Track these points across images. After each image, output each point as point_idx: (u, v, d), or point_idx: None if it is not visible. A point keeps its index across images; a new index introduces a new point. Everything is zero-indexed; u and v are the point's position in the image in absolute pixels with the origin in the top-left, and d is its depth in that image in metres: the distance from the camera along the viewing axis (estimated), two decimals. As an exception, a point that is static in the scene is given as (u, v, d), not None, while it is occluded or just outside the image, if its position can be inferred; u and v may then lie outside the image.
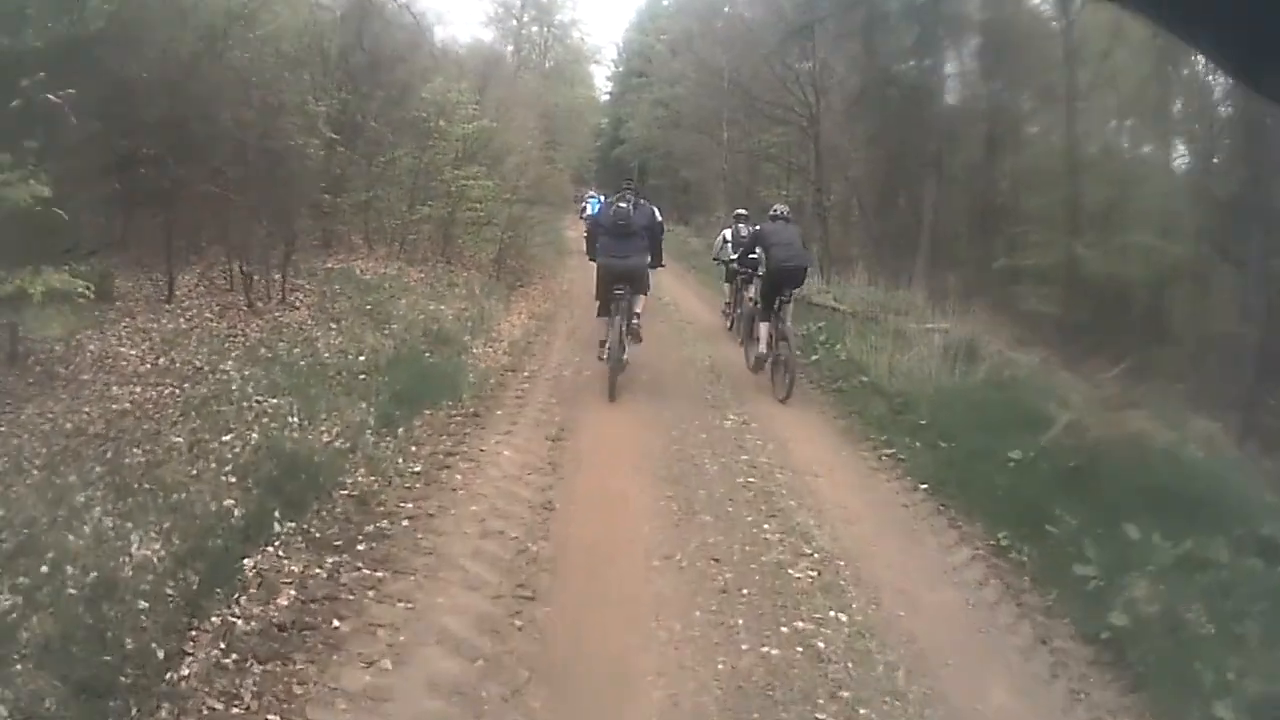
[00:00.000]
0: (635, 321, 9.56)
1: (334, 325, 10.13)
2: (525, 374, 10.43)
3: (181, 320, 9.20)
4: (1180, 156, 17.92)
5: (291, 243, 11.11)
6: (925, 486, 7.10)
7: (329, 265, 13.00)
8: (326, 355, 8.97)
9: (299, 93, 12.49)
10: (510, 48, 43.05)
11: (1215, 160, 17.05)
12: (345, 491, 6.02)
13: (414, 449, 7.21)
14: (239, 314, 9.85)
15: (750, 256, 10.97)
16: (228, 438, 6.24)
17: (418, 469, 6.78)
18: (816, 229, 24.02)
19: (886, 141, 22.31)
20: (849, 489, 7.11)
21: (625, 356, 9.26)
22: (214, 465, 5.67)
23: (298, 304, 10.82)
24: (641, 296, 9.72)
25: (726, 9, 31.57)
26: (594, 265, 9.83)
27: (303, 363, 8.52)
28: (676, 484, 6.87)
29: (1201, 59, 12.59)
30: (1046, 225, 18.52)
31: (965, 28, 21.55)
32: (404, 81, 15.83)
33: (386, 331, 10.38)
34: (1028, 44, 20.10)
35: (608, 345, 9.17)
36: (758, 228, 10.89)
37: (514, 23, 43.94)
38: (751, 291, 11.63)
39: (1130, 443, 6.98)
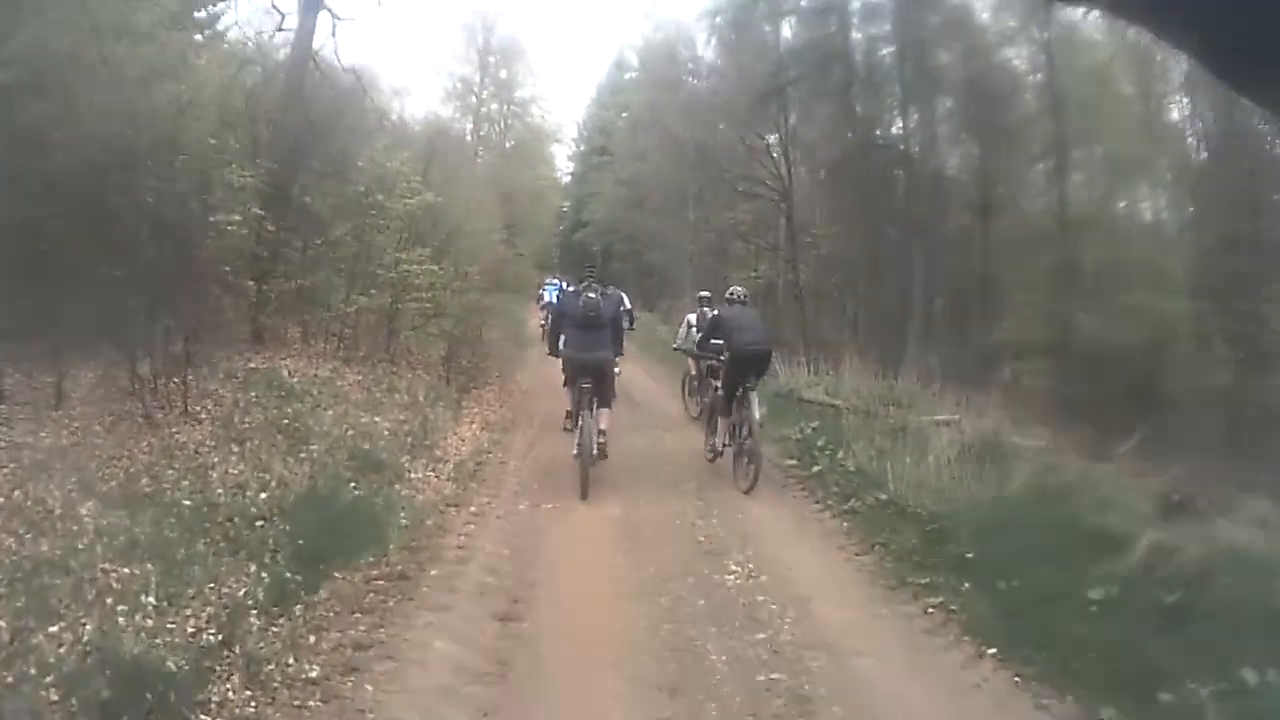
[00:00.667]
0: (601, 440, 9.08)
1: (237, 447, 8.20)
2: (472, 509, 8.37)
3: (64, 434, 7.64)
4: (1165, 208, 17.96)
5: (192, 338, 9.37)
6: (993, 651, 5.27)
7: (253, 365, 11.16)
8: (220, 491, 7.12)
9: (220, 161, 11.09)
10: (469, 125, 41.74)
11: (1191, 210, 17.26)
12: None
13: (313, 640, 5.21)
14: (133, 427, 8.10)
15: (712, 342, 10.20)
16: (55, 628, 4.52)
17: (314, 674, 4.80)
18: (791, 311, 22.74)
19: (870, 212, 20.76)
20: (902, 669, 5.19)
21: (596, 451, 8.91)
22: (34, 671, 4.13)
23: (203, 415, 8.90)
24: (606, 411, 9.26)
25: (690, 80, 30.22)
26: (556, 360, 9.59)
27: (188, 501, 6.75)
28: (677, 694, 4.81)
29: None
30: (1039, 292, 17.93)
31: (947, 87, 20.13)
32: (344, 148, 14.10)
33: (303, 454, 8.44)
34: (1010, 100, 19.38)
35: (579, 443, 8.80)
36: (715, 313, 10.35)
37: (473, 99, 42.39)
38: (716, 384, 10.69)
39: (1227, 559, 5.73)
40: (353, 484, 8.12)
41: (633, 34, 55.05)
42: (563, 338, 9.40)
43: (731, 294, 10.08)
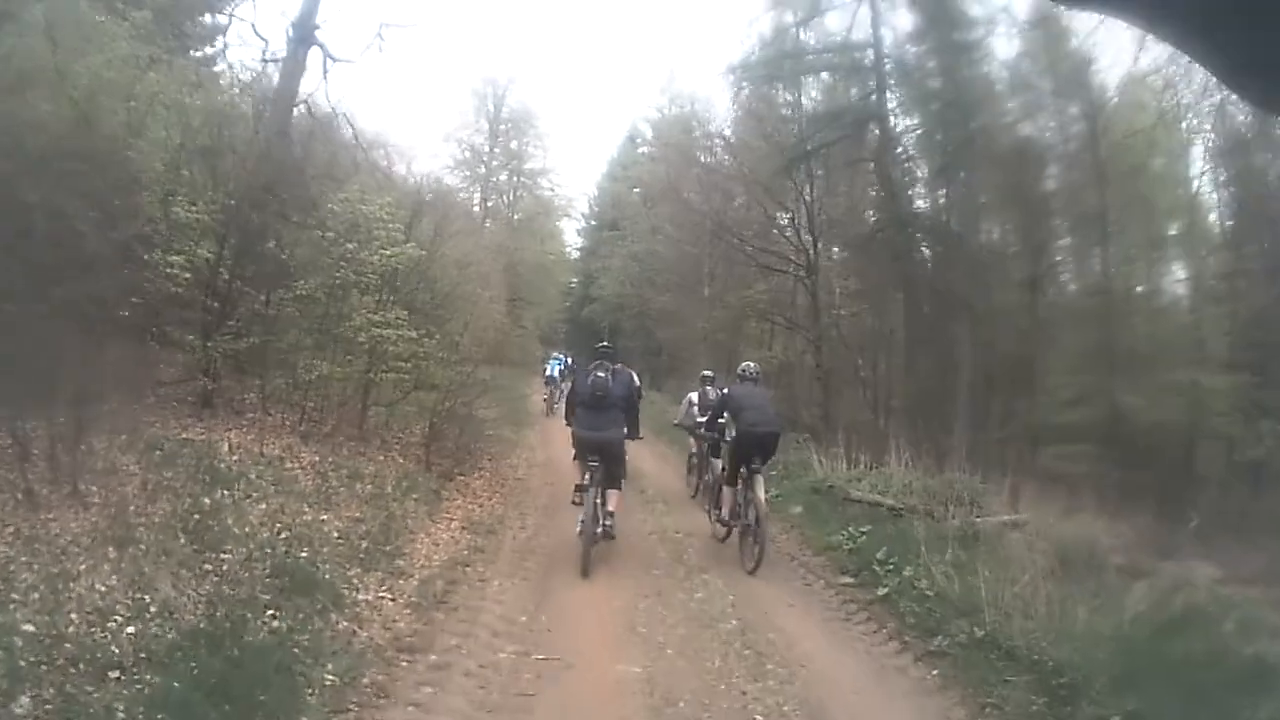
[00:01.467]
0: (609, 522, 8.84)
1: (115, 551, 5.81)
2: (433, 657, 5.84)
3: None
4: (1194, 281, 16.76)
5: (92, 398, 7.17)
6: None
7: (187, 436, 8.92)
8: (75, 617, 4.85)
9: (165, 191, 9.60)
10: (477, 195, 40.16)
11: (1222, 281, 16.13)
12: None
13: None
14: (9, 506, 5.94)
15: (719, 421, 10.30)
16: None
17: None
18: (813, 391, 20.75)
19: (907, 287, 18.68)
20: None
21: (599, 530, 8.64)
22: None
23: (95, 499, 6.58)
24: (615, 493, 9.04)
25: (706, 153, 28.29)
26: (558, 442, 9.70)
27: (29, 626, 4.61)
28: None
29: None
30: (1079, 371, 16.83)
31: (987, 155, 18.22)
32: (321, 191, 12.16)
33: (208, 566, 6.10)
34: (1050, 169, 17.93)
35: (582, 520, 8.51)
36: (725, 391, 10.34)
37: (482, 168, 40.74)
38: (720, 463, 10.83)
39: None
40: (271, 613, 5.73)
41: (646, 108, 53.76)
42: (575, 416, 9.12)
43: (744, 370, 9.89)
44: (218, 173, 10.71)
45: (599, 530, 8.59)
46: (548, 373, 25.03)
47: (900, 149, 19.91)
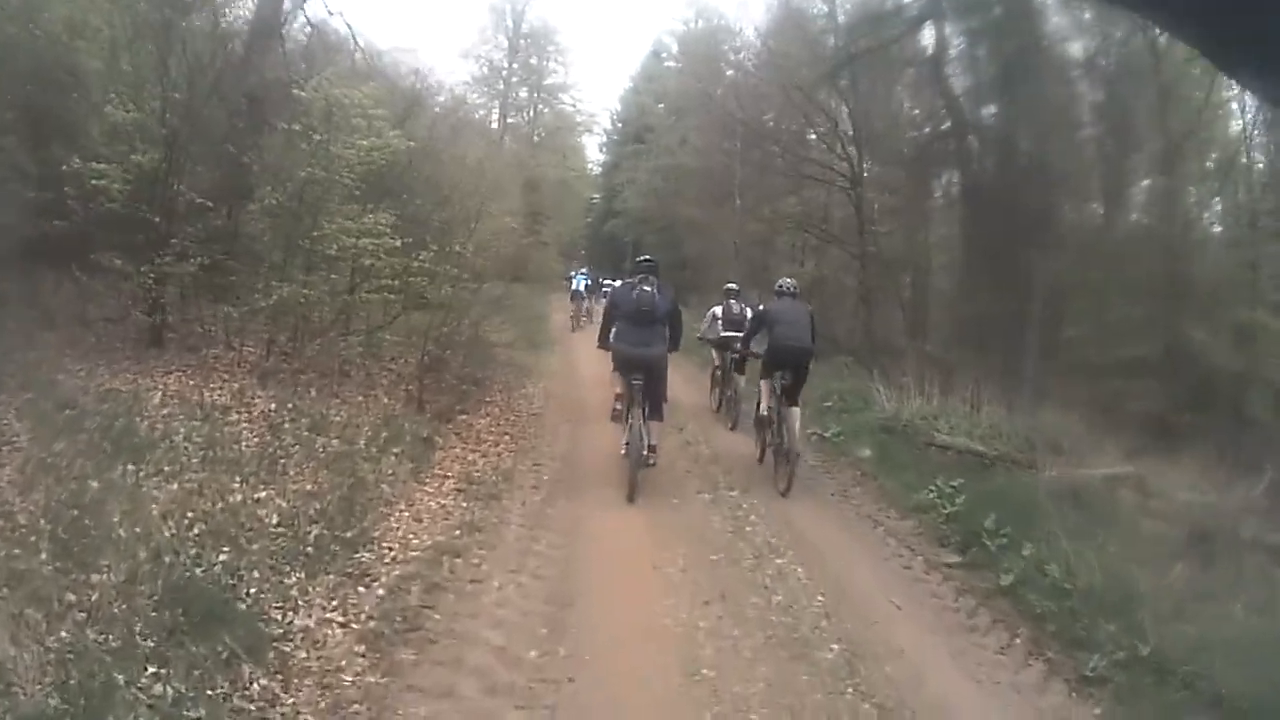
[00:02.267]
0: (650, 457, 8.04)
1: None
2: None
3: None
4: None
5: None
6: None
7: (115, 385, 6.92)
8: None
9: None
10: (496, 112, 37.91)
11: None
12: None
13: None
14: None
15: (750, 340, 10.06)
16: None
17: None
18: (856, 312, 18.86)
19: (971, 203, 16.36)
20: None
21: (647, 453, 7.94)
22: None
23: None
24: (657, 425, 8.26)
25: (735, 67, 26.86)
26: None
27: None
28: None
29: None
30: (1147, 303, 14.85)
31: (1060, 65, 15.75)
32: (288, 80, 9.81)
33: (74, 592, 4.07)
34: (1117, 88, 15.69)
35: (627, 441, 7.94)
36: (762, 307, 9.80)
37: (500, 85, 38.25)
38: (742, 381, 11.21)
39: None
40: (153, 671, 3.67)
41: (671, 20, 50.41)
42: (614, 330, 8.54)
43: (781, 286, 9.38)
44: (167, 67, 8.51)
45: (647, 453, 7.97)
46: (573, 287, 24.21)
47: (958, 53, 17.37)
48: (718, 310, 12.09)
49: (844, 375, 14.78)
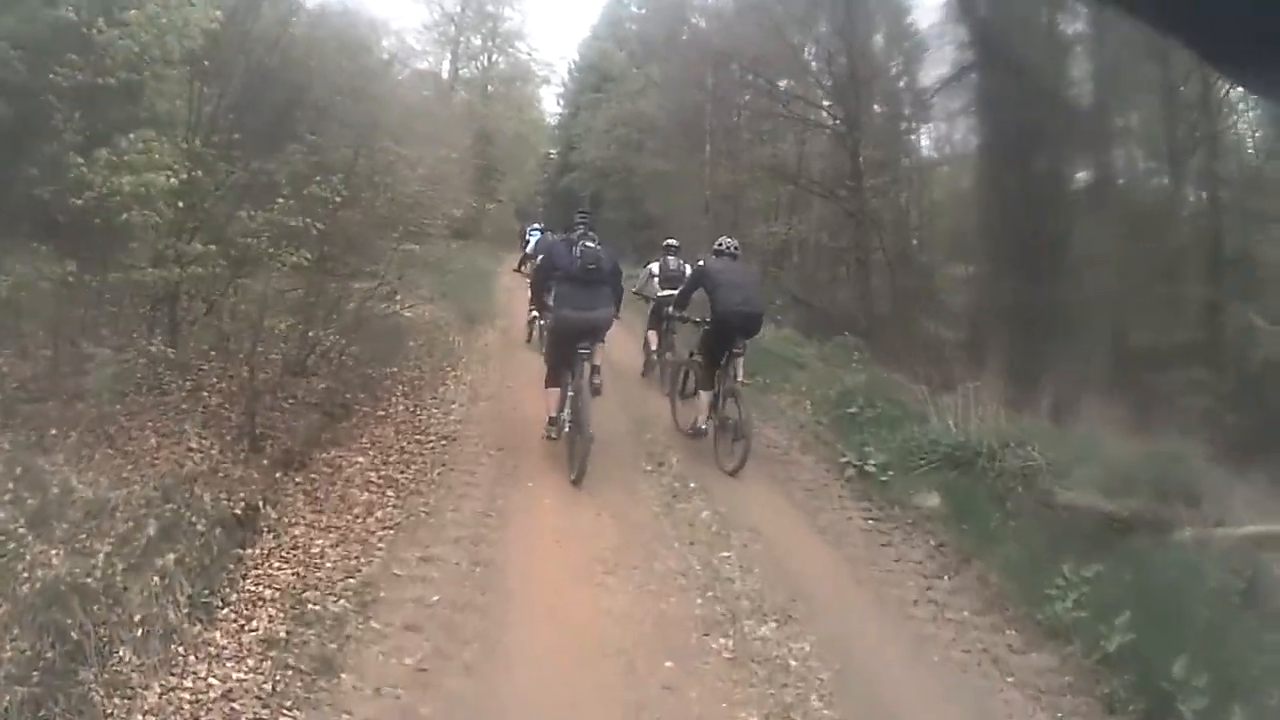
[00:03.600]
0: (597, 379, 7.14)
1: None
2: None
3: None
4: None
5: None
6: None
7: None
8: None
9: None
10: (447, 60, 34.06)
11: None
12: None
13: None
14: None
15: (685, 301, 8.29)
16: None
17: None
18: (852, 283, 16.38)
19: (1001, 152, 12.84)
20: None
21: (591, 429, 6.62)
22: None
23: None
24: (600, 344, 7.22)
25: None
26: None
27: None
28: None
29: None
30: (1198, 281, 11.47)
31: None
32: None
33: None
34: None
35: (562, 416, 6.99)
36: (700, 264, 8.34)
37: (452, 29, 33.97)
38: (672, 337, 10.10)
39: None
40: None
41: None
42: (554, 293, 7.18)
43: (721, 245, 8.05)
44: None
45: (591, 428, 6.65)
46: (528, 248, 20.05)
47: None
48: (654, 267, 10.84)
49: (855, 363, 11.32)
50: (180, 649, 3.68)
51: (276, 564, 4.66)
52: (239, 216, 6.23)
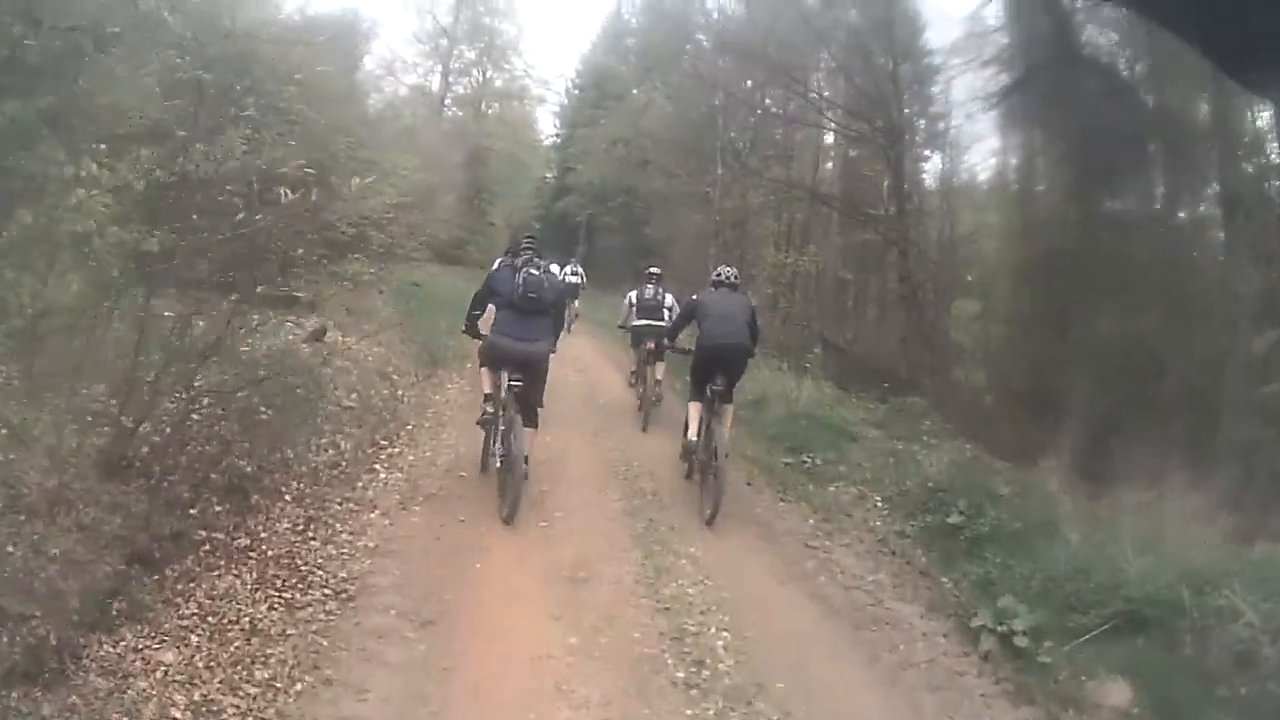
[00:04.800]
0: (525, 465, 6.12)
1: None
2: None
3: None
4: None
5: None
6: None
7: None
8: None
9: None
10: (438, 73, 31.54)
11: None
12: None
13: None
14: None
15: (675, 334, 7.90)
16: None
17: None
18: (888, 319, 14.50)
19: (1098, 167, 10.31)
20: None
21: (526, 467, 6.08)
22: None
23: None
24: (531, 432, 6.39)
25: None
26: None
27: None
28: None
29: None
30: None
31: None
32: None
33: None
34: None
35: (496, 450, 6.29)
36: (695, 297, 7.53)
37: (444, 40, 31.34)
38: (660, 372, 9.30)
39: None
40: None
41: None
42: (494, 320, 6.59)
43: (720, 275, 7.45)
44: None
45: (526, 465, 6.06)
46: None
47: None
48: (633, 295, 10.21)
49: (926, 435, 8.62)
50: None
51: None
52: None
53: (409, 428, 7.78)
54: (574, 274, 15.85)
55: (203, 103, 4.81)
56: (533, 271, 6.45)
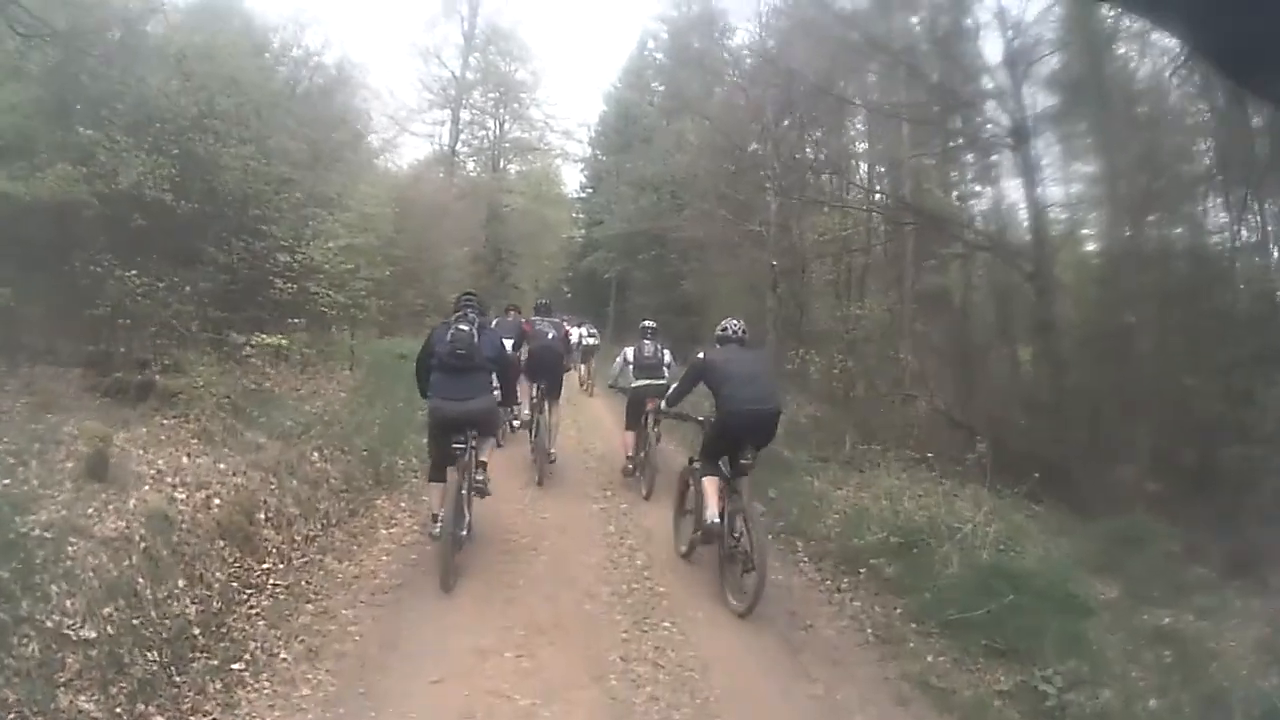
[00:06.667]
0: (480, 477, 6.25)
1: None
2: None
3: None
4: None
5: None
6: None
7: None
8: None
9: None
10: (446, 119, 28.03)
11: None
12: None
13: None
14: None
15: (679, 399, 6.82)
16: None
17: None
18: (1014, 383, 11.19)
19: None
20: None
21: (465, 529, 5.92)
22: None
23: None
24: (478, 500, 6.28)
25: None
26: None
27: None
28: None
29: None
30: None
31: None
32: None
33: None
34: None
35: (441, 516, 5.79)
36: (701, 356, 6.56)
37: (453, 90, 27.98)
38: (655, 431, 8.56)
39: None
40: None
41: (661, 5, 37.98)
42: (431, 381, 6.17)
43: (725, 329, 6.43)
44: None
45: (465, 529, 5.88)
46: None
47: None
48: (629, 352, 9.05)
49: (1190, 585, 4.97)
50: None
51: None
52: None
53: (233, 670, 3.81)
54: (590, 335, 15.39)
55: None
56: (461, 328, 5.96)
